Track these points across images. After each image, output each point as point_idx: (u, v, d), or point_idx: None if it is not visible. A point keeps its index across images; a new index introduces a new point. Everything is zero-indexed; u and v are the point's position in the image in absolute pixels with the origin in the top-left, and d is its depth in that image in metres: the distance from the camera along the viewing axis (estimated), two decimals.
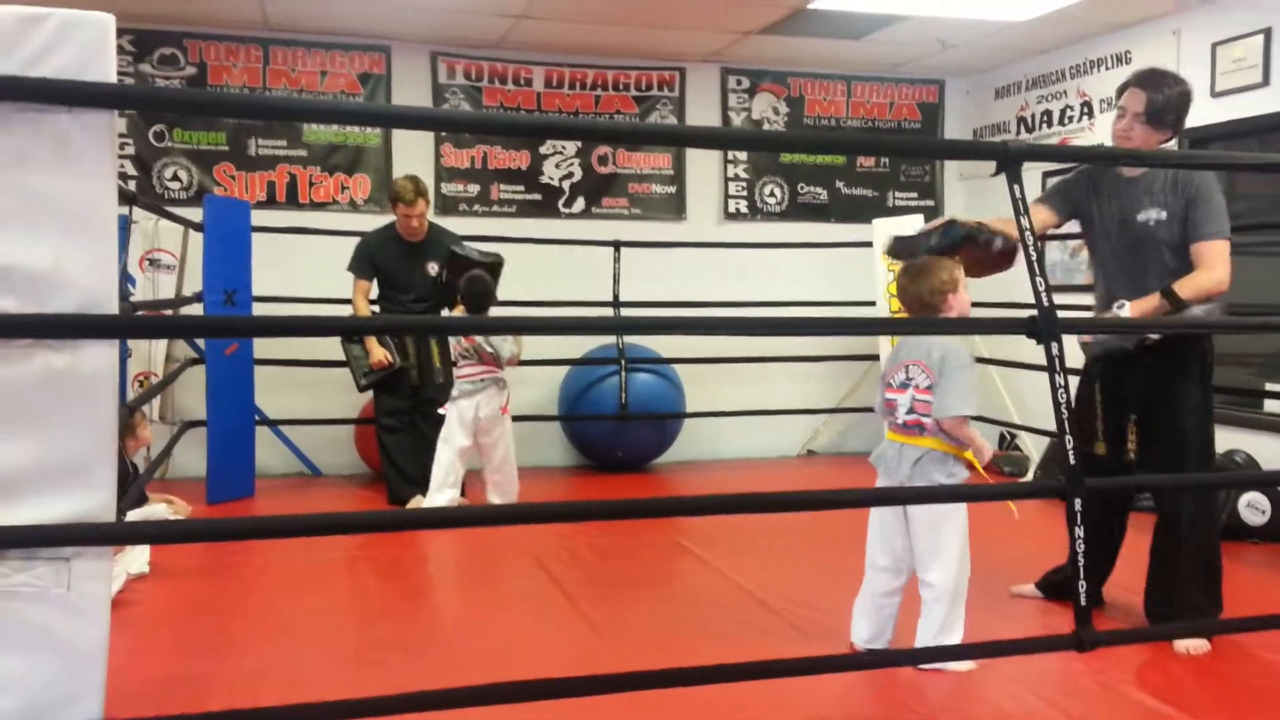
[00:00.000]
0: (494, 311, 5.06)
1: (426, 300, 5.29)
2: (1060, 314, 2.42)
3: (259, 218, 5.66)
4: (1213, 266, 3.07)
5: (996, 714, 2.72)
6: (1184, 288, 3.06)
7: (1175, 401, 3.18)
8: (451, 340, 4.99)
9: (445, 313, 5.17)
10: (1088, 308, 4.19)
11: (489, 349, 4.90)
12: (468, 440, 4.99)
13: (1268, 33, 5.03)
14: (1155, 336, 3.16)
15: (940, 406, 2.93)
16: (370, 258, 5.31)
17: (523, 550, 4.27)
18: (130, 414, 4.17)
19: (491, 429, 4.98)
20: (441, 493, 4.96)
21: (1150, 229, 3.17)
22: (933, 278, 3.02)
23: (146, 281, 5.82)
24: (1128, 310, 3.11)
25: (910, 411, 3.01)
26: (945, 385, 2.93)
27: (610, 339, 6.29)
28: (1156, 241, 3.17)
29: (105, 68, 1.83)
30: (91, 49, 1.82)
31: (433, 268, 5.28)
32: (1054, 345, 2.40)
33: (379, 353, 5.15)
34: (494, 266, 5.23)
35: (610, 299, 6.25)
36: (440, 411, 5.07)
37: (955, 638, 2.99)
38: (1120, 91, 3.26)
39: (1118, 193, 3.27)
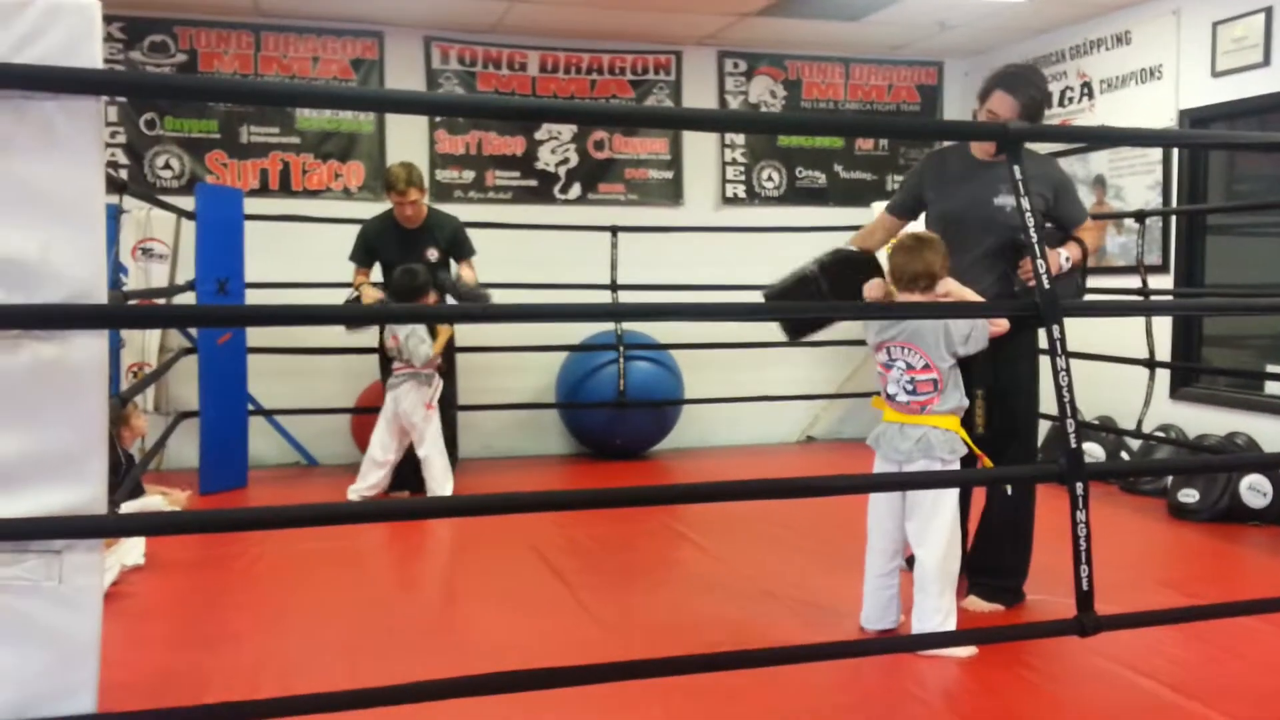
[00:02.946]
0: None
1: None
2: None
3: (252, 205, 5.62)
4: (1086, 233, 3.43)
5: (1000, 700, 2.71)
6: (1082, 248, 3.38)
7: (1016, 380, 3.32)
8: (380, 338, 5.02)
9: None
10: (1091, 289, 4.18)
11: (407, 352, 4.95)
12: (391, 439, 5.04)
13: (1269, 11, 4.98)
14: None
15: (968, 344, 3.01)
16: (368, 246, 5.28)
17: (521, 539, 4.26)
18: (123, 404, 4.14)
19: (414, 424, 4.99)
20: (359, 484, 5.04)
21: (1007, 214, 3.26)
22: (933, 253, 3.03)
23: (139, 271, 5.77)
24: (1065, 256, 3.28)
25: (911, 393, 3.01)
26: (968, 334, 2.99)
27: (608, 325, 6.26)
28: (1005, 225, 3.27)
29: (91, 54, 1.80)
30: (77, 35, 1.79)
31: (433, 253, 5.25)
32: (1055, 329, 2.38)
33: (371, 294, 5.13)
34: (480, 297, 5.11)
35: (608, 284, 6.22)
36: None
37: (950, 622, 2.98)
38: (985, 93, 3.34)
39: (971, 177, 3.40)
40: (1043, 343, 2.56)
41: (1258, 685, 2.80)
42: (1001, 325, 3.08)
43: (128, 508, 3.95)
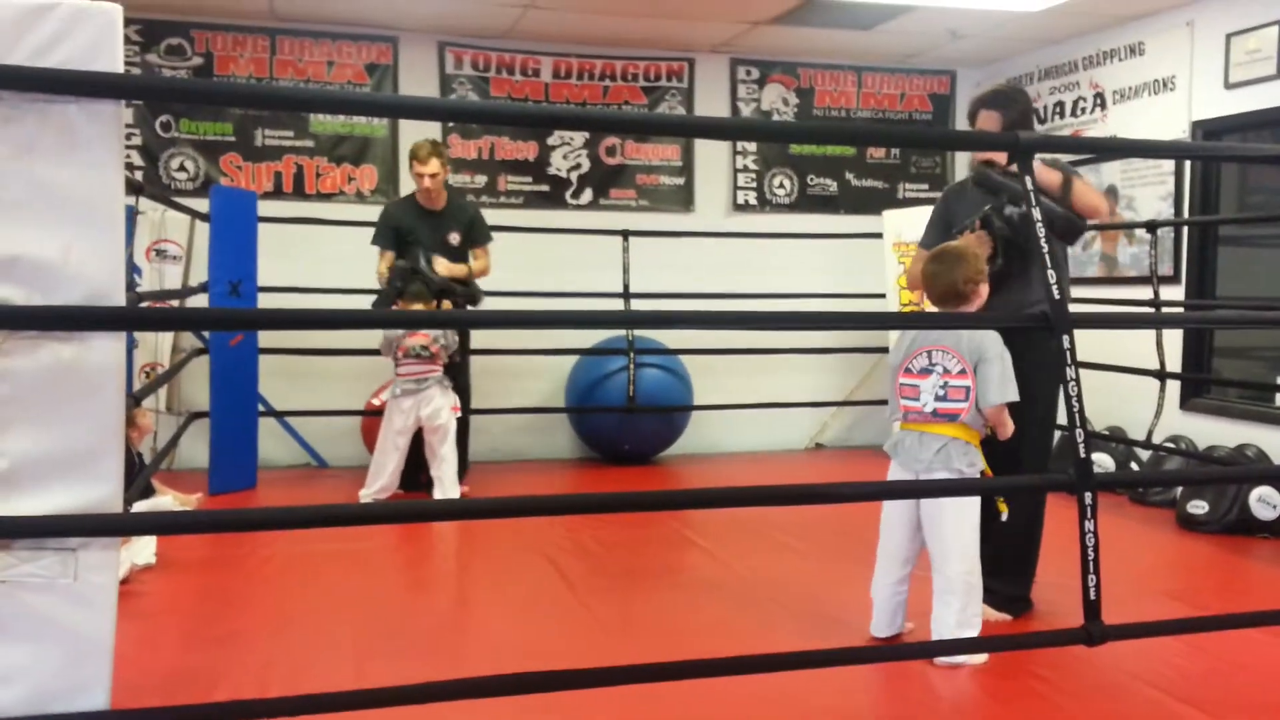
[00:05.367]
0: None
1: None
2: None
3: (265, 208, 5.65)
4: (1088, 193, 3.37)
5: (1008, 710, 2.71)
6: (1077, 186, 3.27)
7: (1031, 390, 3.19)
8: (393, 338, 5.03)
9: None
10: (1103, 300, 4.19)
11: (441, 343, 5.00)
12: (403, 441, 5.05)
13: None
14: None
15: (985, 396, 2.93)
16: (392, 227, 5.26)
17: (528, 543, 4.27)
18: (136, 404, 4.17)
19: (439, 425, 5.03)
20: (370, 487, 5.06)
21: (1018, 220, 3.31)
22: (967, 266, 3.02)
23: (153, 272, 5.81)
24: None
25: (941, 399, 2.99)
26: (986, 373, 2.93)
27: (619, 330, 6.27)
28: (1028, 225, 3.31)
29: (113, 58, 1.82)
30: (99, 39, 1.81)
31: (454, 237, 5.27)
32: (1066, 339, 2.39)
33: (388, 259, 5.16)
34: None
35: (619, 290, 6.23)
36: (375, 402, 5.09)
37: (973, 631, 2.98)
38: (972, 115, 3.43)
39: (985, 200, 3.44)
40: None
41: (1262, 697, 2.79)
42: (1006, 427, 3.02)
43: (139, 508, 3.97)
